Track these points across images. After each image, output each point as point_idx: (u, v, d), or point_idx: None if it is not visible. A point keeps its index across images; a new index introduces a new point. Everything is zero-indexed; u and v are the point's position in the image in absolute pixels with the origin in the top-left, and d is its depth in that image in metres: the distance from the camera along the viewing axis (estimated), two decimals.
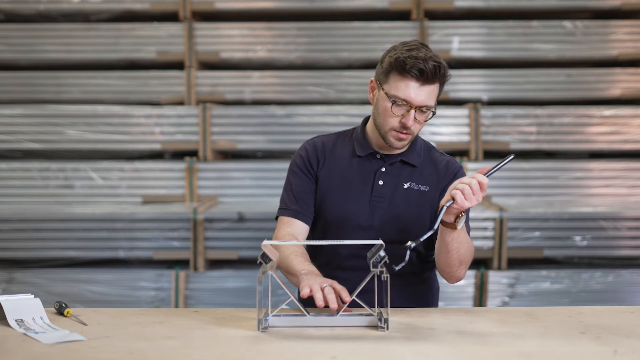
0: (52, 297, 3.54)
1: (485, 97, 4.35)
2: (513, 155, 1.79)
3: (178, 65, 4.41)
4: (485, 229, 3.68)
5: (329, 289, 1.63)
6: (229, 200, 4.08)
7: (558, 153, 4.26)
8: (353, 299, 1.62)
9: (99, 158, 4.23)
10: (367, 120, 2.05)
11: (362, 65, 4.41)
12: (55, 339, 1.47)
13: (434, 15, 4.45)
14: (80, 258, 3.79)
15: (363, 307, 1.62)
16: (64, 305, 1.70)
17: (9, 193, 4.09)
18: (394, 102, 1.84)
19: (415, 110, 1.84)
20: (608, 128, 4.11)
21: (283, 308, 1.64)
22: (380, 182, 1.97)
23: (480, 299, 3.68)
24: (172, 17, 4.43)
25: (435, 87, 1.85)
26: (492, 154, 4.13)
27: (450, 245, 1.79)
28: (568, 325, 1.62)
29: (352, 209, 1.96)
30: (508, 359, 1.38)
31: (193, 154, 4.18)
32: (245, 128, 4.15)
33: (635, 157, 4.17)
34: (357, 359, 1.38)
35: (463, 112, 4.11)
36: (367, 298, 1.67)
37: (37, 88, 4.38)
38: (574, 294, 3.66)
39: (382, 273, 1.58)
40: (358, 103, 4.30)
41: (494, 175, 4.31)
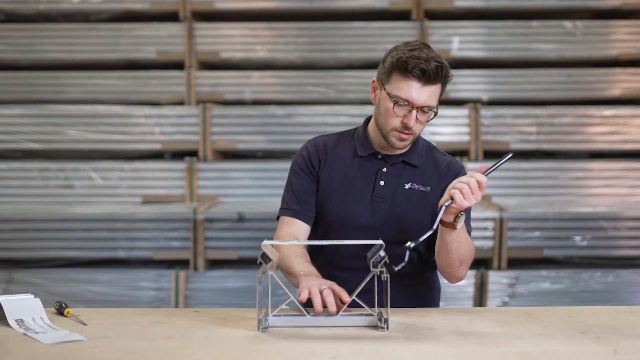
0: (52, 297, 3.54)
1: (485, 97, 4.35)
2: (511, 154, 1.79)
3: (178, 65, 4.41)
4: (485, 229, 3.68)
5: (328, 292, 1.63)
6: (229, 200, 4.08)
7: (558, 153, 4.26)
8: (353, 299, 1.62)
9: (99, 158, 4.23)
10: (368, 120, 2.04)
11: (362, 65, 4.41)
12: (55, 339, 1.47)
13: (434, 15, 4.45)
14: (80, 258, 3.79)
15: (363, 307, 1.62)
16: (64, 305, 1.70)
17: (9, 193, 4.09)
18: (396, 102, 1.83)
19: (417, 111, 1.83)
20: (608, 128, 4.11)
21: (283, 308, 1.64)
22: (382, 182, 1.96)
23: (480, 299, 3.68)
24: (172, 17, 4.43)
25: (437, 87, 1.84)
26: (492, 154, 4.13)
27: (450, 245, 1.79)
28: (568, 325, 1.62)
29: (353, 209, 1.96)
30: (508, 359, 1.38)
31: (193, 154, 4.18)
32: (245, 128, 4.15)
33: (635, 157, 4.18)
34: (357, 359, 1.38)
35: (463, 112, 4.11)
36: (367, 298, 1.67)
37: (37, 88, 4.38)
38: (574, 294, 3.66)
39: (382, 273, 1.58)
40: (358, 103, 4.30)
41: (494, 175, 4.31)
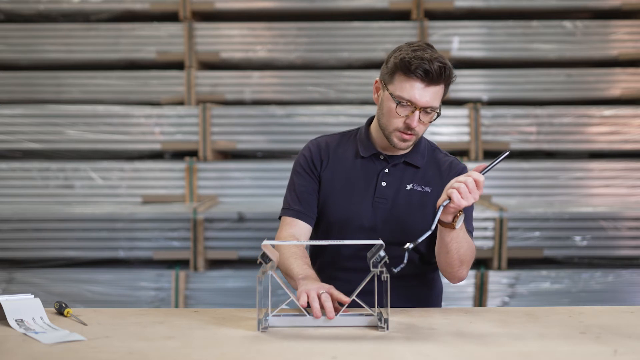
0: (52, 297, 3.54)
1: (485, 97, 4.35)
2: (508, 152, 1.79)
3: (178, 65, 4.41)
4: (485, 229, 3.68)
5: (326, 296, 1.62)
6: (229, 200, 4.08)
7: (558, 153, 4.26)
8: (353, 299, 1.61)
9: (99, 158, 4.23)
10: (371, 121, 2.03)
11: (362, 65, 4.41)
12: (55, 339, 1.47)
13: (434, 15, 4.45)
14: (80, 258, 3.79)
15: (363, 307, 1.62)
16: (64, 305, 1.70)
17: (9, 193, 4.09)
18: (399, 102, 1.83)
19: (420, 111, 1.83)
20: (608, 128, 4.11)
21: (283, 308, 1.64)
22: (383, 183, 1.96)
23: (480, 299, 3.68)
24: (172, 17, 4.43)
25: (440, 88, 1.84)
26: (492, 154, 4.12)
27: (450, 245, 1.78)
28: (568, 325, 1.62)
29: (354, 210, 1.95)
30: (508, 359, 1.38)
31: (193, 154, 4.18)
32: (245, 128, 4.15)
33: (635, 157, 4.18)
34: (357, 359, 1.38)
35: (463, 112, 4.11)
36: (368, 299, 1.66)
37: (37, 88, 4.38)
38: (574, 294, 3.66)
39: (382, 273, 1.58)
40: (358, 103, 4.29)
41: (494, 175, 4.31)
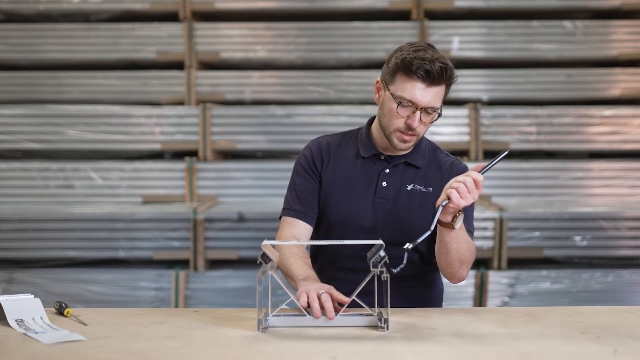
0: (52, 297, 3.54)
1: (485, 97, 4.35)
2: (507, 151, 1.79)
3: (178, 65, 4.41)
4: (485, 229, 3.68)
5: (326, 296, 1.62)
6: (229, 200, 4.08)
7: (558, 153, 4.26)
8: (353, 299, 1.61)
9: (99, 158, 4.23)
10: (372, 121, 2.02)
11: (362, 65, 4.41)
12: (55, 339, 1.47)
13: (434, 15, 4.45)
14: (80, 258, 3.79)
15: (363, 307, 1.62)
16: (64, 305, 1.70)
17: (9, 193, 4.09)
18: (400, 103, 1.82)
19: (421, 112, 1.82)
20: (608, 128, 4.11)
21: (283, 308, 1.64)
22: (384, 183, 1.96)
23: (480, 299, 3.68)
24: (172, 17, 4.43)
25: (442, 88, 1.83)
26: (492, 154, 4.12)
27: (450, 246, 1.78)
28: (568, 325, 1.62)
29: (355, 211, 1.95)
30: (508, 359, 1.38)
31: (193, 154, 4.18)
32: (245, 128, 4.15)
33: (635, 157, 4.18)
34: (357, 359, 1.38)
35: (463, 112, 4.11)
36: (368, 299, 1.66)
37: (37, 88, 4.38)
38: (574, 294, 3.66)
39: (382, 273, 1.57)
40: (358, 103, 4.29)
41: (494, 175, 4.31)
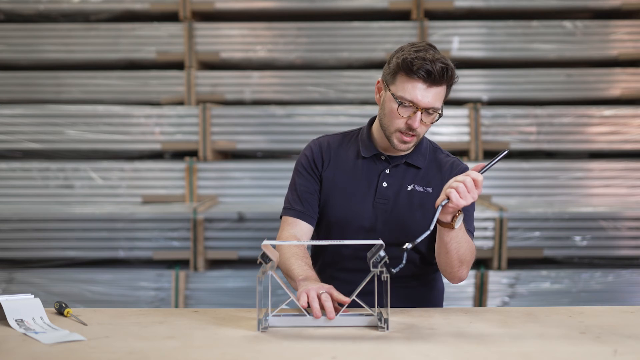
0: (52, 297, 3.54)
1: (485, 97, 4.35)
2: (507, 151, 1.78)
3: (178, 65, 4.41)
4: (485, 229, 3.68)
5: (326, 296, 1.62)
6: (229, 200, 4.09)
7: (558, 153, 4.26)
8: (353, 299, 1.61)
9: (99, 158, 4.23)
10: (373, 121, 2.02)
11: (362, 65, 4.41)
12: (55, 339, 1.47)
13: (434, 15, 4.46)
14: (80, 258, 3.80)
15: (363, 307, 1.62)
16: (64, 305, 1.70)
17: (9, 193, 4.09)
18: (401, 103, 1.82)
19: (422, 112, 1.82)
20: (608, 128, 4.11)
21: (283, 308, 1.64)
22: (384, 184, 1.95)
23: (480, 299, 3.68)
24: (172, 17, 4.43)
25: (442, 89, 1.83)
26: (492, 154, 4.12)
27: (449, 245, 1.78)
28: (568, 325, 1.62)
29: (355, 211, 1.95)
30: (508, 359, 1.38)
31: (193, 154, 4.18)
32: (245, 128, 4.15)
33: (635, 157, 4.18)
34: (357, 359, 1.38)
35: (463, 112, 4.11)
36: (369, 299, 1.66)
37: (37, 88, 4.39)
38: (574, 294, 3.66)
39: (382, 273, 1.57)
40: (358, 103, 4.29)
41: (494, 175, 4.31)
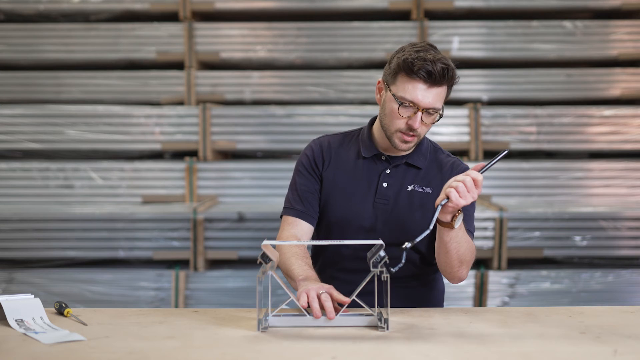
0: (52, 297, 3.54)
1: (485, 97, 4.35)
2: (507, 150, 1.78)
3: (178, 65, 4.41)
4: (485, 229, 3.68)
5: (326, 296, 1.62)
6: (229, 200, 4.09)
7: (558, 153, 4.26)
8: (353, 299, 1.61)
9: (99, 158, 4.23)
10: (374, 121, 2.02)
11: (362, 65, 4.41)
12: (55, 339, 1.47)
13: (434, 15, 4.45)
14: (80, 258, 3.80)
15: (363, 307, 1.62)
16: (64, 305, 1.70)
17: (9, 193, 4.09)
18: (401, 103, 1.82)
19: (422, 112, 1.82)
20: (608, 128, 4.11)
21: (283, 308, 1.64)
22: (385, 184, 1.95)
23: (480, 299, 3.68)
24: (172, 17, 4.43)
25: (443, 89, 1.83)
26: (492, 154, 4.12)
27: (449, 245, 1.78)
28: (568, 325, 1.62)
29: (355, 211, 1.95)
30: (508, 359, 1.38)
31: (193, 154, 4.18)
32: (245, 128, 4.15)
33: (635, 157, 4.18)
34: (357, 359, 1.38)
35: (463, 112, 4.11)
36: (369, 300, 1.66)
37: (37, 88, 4.39)
38: (574, 294, 3.66)
39: (382, 273, 1.57)
40: (358, 103, 4.29)
41: (494, 175, 4.30)
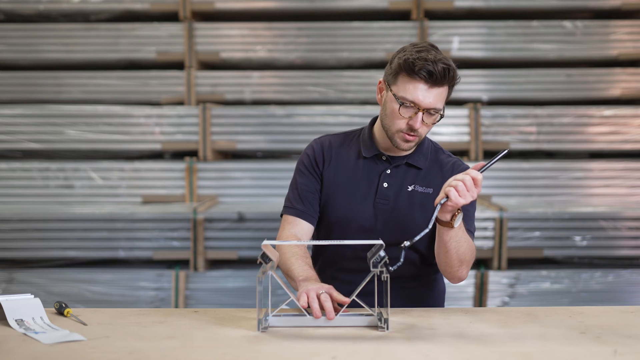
0: (52, 297, 3.54)
1: (485, 97, 4.35)
2: (507, 150, 1.77)
3: (178, 65, 4.41)
4: (485, 229, 3.68)
5: (325, 296, 1.62)
6: (229, 200, 4.09)
7: (558, 153, 4.26)
8: (353, 300, 1.61)
9: (99, 158, 4.23)
10: (374, 121, 2.02)
11: (362, 65, 4.41)
12: (55, 339, 1.47)
13: (434, 15, 4.45)
14: (80, 258, 3.80)
15: (363, 307, 1.62)
16: (64, 305, 1.70)
17: (9, 193, 4.09)
18: (402, 103, 1.81)
19: (423, 113, 1.82)
20: (608, 128, 4.11)
21: (283, 308, 1.64)
22: (385, 184, 1.95)
23: (480, 299, 3.68)
24: (172, 17, 4.43)
25: (444, 89, 1.82)
26: (492, 154, 4.12)
27: (449, 245, 1.77)
28: (568, 325, 1.62)
29: (355, 211, 1.95)
30: (508, 359, 1.38)
31: (193, 154, 4.18)
32: (245, 128, 4.15)
33: (635, 157, 4.18)
34: (357, 359, 1.38)
35: (463, 112, 4.11)
36: (369, 300, 1.66)
37: (37, 88, 4.38)
38: (574, 294, 3.66)
39: (382, 273, 1.57)
40: (358, 103, 4.29)
41: (494, 175, 4.31)
